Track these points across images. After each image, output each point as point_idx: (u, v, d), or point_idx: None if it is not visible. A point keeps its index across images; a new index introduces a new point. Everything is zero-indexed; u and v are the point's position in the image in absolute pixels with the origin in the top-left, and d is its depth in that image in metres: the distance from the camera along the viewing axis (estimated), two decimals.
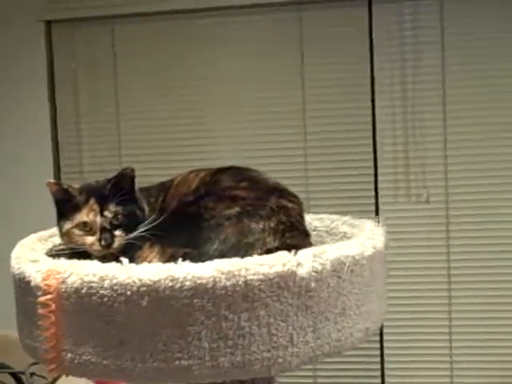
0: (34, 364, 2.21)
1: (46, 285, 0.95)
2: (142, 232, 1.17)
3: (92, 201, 1.19)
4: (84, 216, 1.17)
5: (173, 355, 0.89)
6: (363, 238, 1.05)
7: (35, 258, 1.03)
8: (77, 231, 1.18)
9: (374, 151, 2.75)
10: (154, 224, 1.19)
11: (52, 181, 1.22)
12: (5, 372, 2.32)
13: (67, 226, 1.18)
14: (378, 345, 2.80)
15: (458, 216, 2.73)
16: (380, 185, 2.77)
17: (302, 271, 0.92)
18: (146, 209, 1.26)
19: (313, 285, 0.92)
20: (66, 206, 1.20)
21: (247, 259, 0.91)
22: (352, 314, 0.99)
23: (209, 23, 2.87)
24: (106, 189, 1.21)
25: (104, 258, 1.11)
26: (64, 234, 1.20)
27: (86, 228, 1.17)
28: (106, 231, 1.16)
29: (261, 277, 0.89)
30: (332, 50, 2.77)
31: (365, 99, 2.75)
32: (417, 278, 2.75)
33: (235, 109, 2.87)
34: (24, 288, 1.01)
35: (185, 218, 1.20)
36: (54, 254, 1.15)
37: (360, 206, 2.70)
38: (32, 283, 0.98)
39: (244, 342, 0.90)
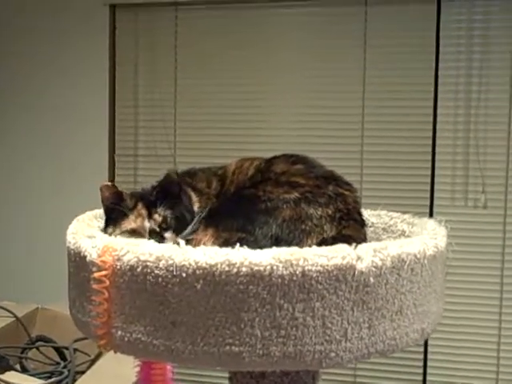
0: (78, 340, 2.25)
1: (101, 261, 0.94)
2: (190, 232, 1.15)
3: (139, 206, 1.17)
4: (132, 222, 1.15)
5: (224, 340, 0.87)
6: (425, 236, 1.02)
7: (92, 233, 1.03)
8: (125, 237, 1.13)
9: (433, 152, 2.69)
10: (202, 217, 1.17)
11: (107, 183, 1.20)
12: (49, 346, 2.35)
13: (115, 233, 1.15)
14: (421, 349, 2.75)
15: None
16: (437, 187, 2.71)
17: (362, 266, 0.89)
18: (195, 199, 1.24)
19: (371, 280, 0.90)
20: (113, 212, 1.18)
21: (306, 249, 0.89)
22: (409, 313, 0.96)
23: (272, 13, 2.85)
24: (152, 195, 1.19)
25: None
26: None
27: (135, 235, 1.13)
28: (156, 234, 1.14)
29: (319, 268, 0.87)
30: (396, 47, 2.72)
31: (427, 98, 2.69)
32: (469, 285, 2.69)
33: (293, 100, 2.85)
34: (79, 263, 1.01)
35: (241, 201, 1.19)
36: None
37: (414, 207, 2.65)
38: (87, 258, 0.97)
39: (297, 333, 0.87)
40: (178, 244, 0.91)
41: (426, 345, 2.74)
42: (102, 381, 1.95)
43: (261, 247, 0.93)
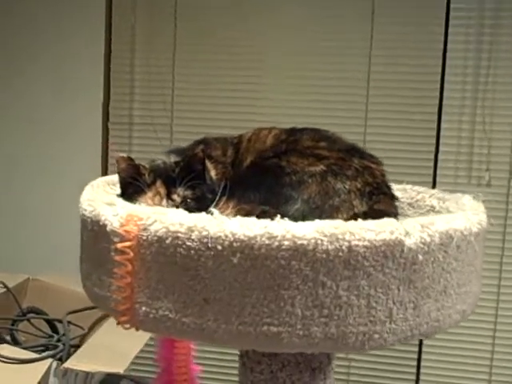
0: (71, 313, 2.20)
1: (124, 231, 0.87)
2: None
3: (158, 183, 1.08)
4: (149, 200, 1.06)
5: (261, 320, 0.81)
6: (468, 212, 0.96)
7: (111, 200, 0.96)
8: None
9: (438, 128, 2.64)
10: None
11: (123, 155, 1.10)
12: (41, 318, 2.29)
13: None
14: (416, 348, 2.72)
15: None
16: (440, 164, 2.65)
17: (410, 242, 0.83)
18: (210, 167, 1.17)
19: (420, 257, 0.84)
20: (130, 187, 1.09)
21: (352, 223, 0.82)
22: (452, 293, 0.91)
23: None
24: (174, 172, 1.10)
25: None
26: None
27: None
28: None
29: (366, 243, 0.81)
30: (404, 17, 2.62)
31: (434, 73, 2.61)
32: None
33: (294, 70, 2.76)
34: (97, 232, 0.94)
35: (264, 172, 1.12)
36: None
37: (416, 184, 2.59)
38: (108, 227, 0.90)
39: (340, 313, 0.82)
40: (212, 214, 0.85)
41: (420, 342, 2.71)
42: (98, 354, 1.89)
43: None
